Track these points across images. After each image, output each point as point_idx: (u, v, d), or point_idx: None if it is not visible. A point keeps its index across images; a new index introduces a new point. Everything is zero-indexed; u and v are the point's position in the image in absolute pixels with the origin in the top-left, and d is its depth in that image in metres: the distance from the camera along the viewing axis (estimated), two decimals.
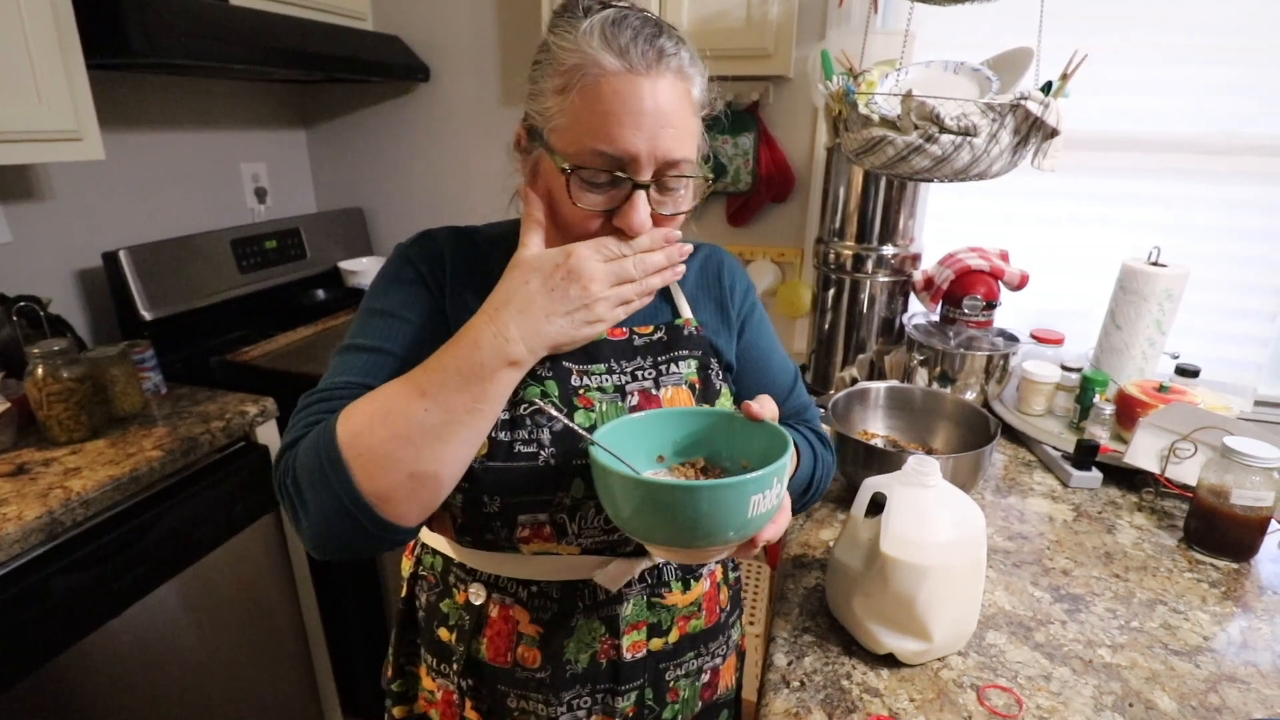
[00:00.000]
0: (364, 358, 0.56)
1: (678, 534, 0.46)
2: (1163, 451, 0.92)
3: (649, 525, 0.47)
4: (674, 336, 0.64)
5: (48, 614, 0.92)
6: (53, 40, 1.03)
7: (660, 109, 0.51)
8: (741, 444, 0.55)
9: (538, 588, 0.61)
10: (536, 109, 0.55)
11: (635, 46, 0.51)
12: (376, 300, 0.59)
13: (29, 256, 1.32)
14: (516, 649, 0.61)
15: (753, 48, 1.36)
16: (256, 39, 1.32)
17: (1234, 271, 1.32)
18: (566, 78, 0.51)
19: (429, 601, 0.67)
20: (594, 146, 0.51)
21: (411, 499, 0.49)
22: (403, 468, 0.47)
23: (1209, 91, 1.26)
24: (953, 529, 0.62)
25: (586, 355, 0.60)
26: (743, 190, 1.60)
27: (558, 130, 0.53)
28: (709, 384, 0.64)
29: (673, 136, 0.52)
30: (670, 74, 0.52)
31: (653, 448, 0.56)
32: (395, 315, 0.58)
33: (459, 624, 0.64)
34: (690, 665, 0.67)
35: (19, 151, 1.02)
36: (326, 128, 1.94)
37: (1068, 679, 0.63)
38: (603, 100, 0.50)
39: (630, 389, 0.60)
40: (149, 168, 1.53)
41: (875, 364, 1.36)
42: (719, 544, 0.47)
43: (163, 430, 1.14)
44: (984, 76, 1.03)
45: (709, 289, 0.69)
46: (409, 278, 0.60)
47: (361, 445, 0.47)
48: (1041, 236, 1.41)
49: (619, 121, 0.50)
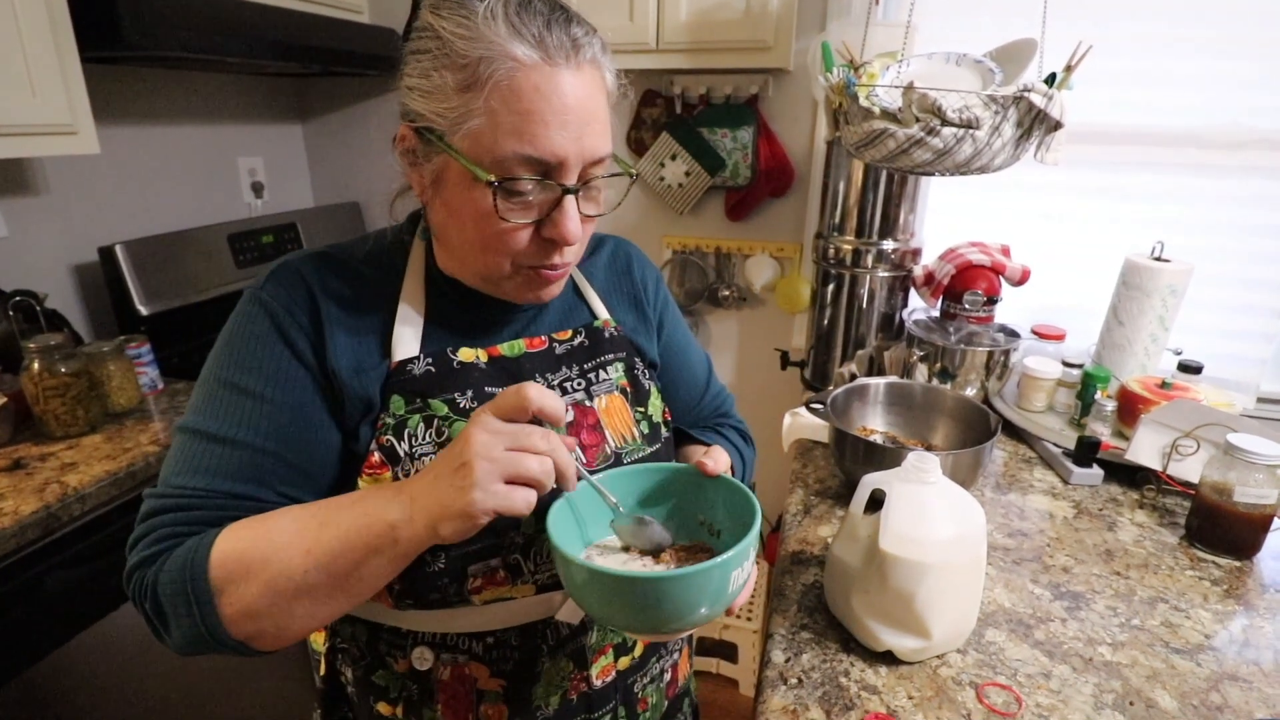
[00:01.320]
0: (214, 451, 0.48)
1: (650, 621, 0.43)
2: (1165, 448, 0.91)
3: (623, 616, 0.44)
4: (595, 340, 0.61)
5: (43, 609, 0.92)
6: (47, 33, 1.03)
7: (583, 104, 0.47)
8: (697, 496, 0.52)
9: (494, 638, 0.54)
10: (432, 109, 0.47)
11: (550, 35, 0.45)
12: (227, 367, 0.50)
13: (25, 251, 1.31)
14: (478, 708, 0.55)
15: (752, 40, 1.35)
16: (252, 32, 1.31)
17: (1238, 267, 1.31)
18: (471, 72, 0.45)
19: (357, 676, 0.58)
20: (518, 151, 0.45)
21: (282, 641, 0.46)
22: (276, 620, 0.45)
23: (1214, 85, 1.25)
24: (952, 526, 0.61)
25: (509, 375, 0.56)
26: (741, 184, 1.59)
27: (470, 134, 0.46)
28: (638, 385, 0.62)
29: (598, 133, 0.48)
30: (587, 65, 0.48)
31: (606, 510, 0.51)
32: (249, 393, 0.49)
33: (404, 696, 0.56)
34: (654, 670, 0.65)
35: (13, 145, 1.02)
36: (323, 121, 1.93)
37: (1068, 677, 0.63)
38: (523, 98, 0.45)
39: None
40: (145, 162, 1.53)
41: (875, 359, 1.35)
42: (695, 623, 0.45)
43: (159, 425, 1.14)
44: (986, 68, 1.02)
45: (620, 285, 0.67)
46: (265, 334, 0.50)
47: (234, 595, 0.44)
48: (1043, 231, 1.40)
49: (544, 122, 0.45)
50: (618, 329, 0.64)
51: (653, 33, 1.38)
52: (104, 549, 0.99)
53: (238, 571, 0.44)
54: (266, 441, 0.49)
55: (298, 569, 0.44)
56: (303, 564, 0.44)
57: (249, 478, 0.49)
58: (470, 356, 0.55)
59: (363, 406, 0.52)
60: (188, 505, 0.48)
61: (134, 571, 0.48)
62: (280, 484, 0.50)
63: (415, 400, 0.52)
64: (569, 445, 0.46)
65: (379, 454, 0.51)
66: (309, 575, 0.44)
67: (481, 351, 0.56)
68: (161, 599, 0.45)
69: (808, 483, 0.98)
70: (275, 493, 0.50)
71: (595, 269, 0.67)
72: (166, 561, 0.46)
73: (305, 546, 0.44)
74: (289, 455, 0.50)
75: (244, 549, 0.44)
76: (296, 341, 0.51)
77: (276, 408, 0.50)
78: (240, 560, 0.44)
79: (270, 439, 0.49)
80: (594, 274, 0.66)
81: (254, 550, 0.44)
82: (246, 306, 0.52)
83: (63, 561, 0.93)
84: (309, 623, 0.46)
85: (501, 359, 0.57)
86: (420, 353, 0.54)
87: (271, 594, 0.44)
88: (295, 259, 0.54)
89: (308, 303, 0.52)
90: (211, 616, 0.44)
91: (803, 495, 0.95)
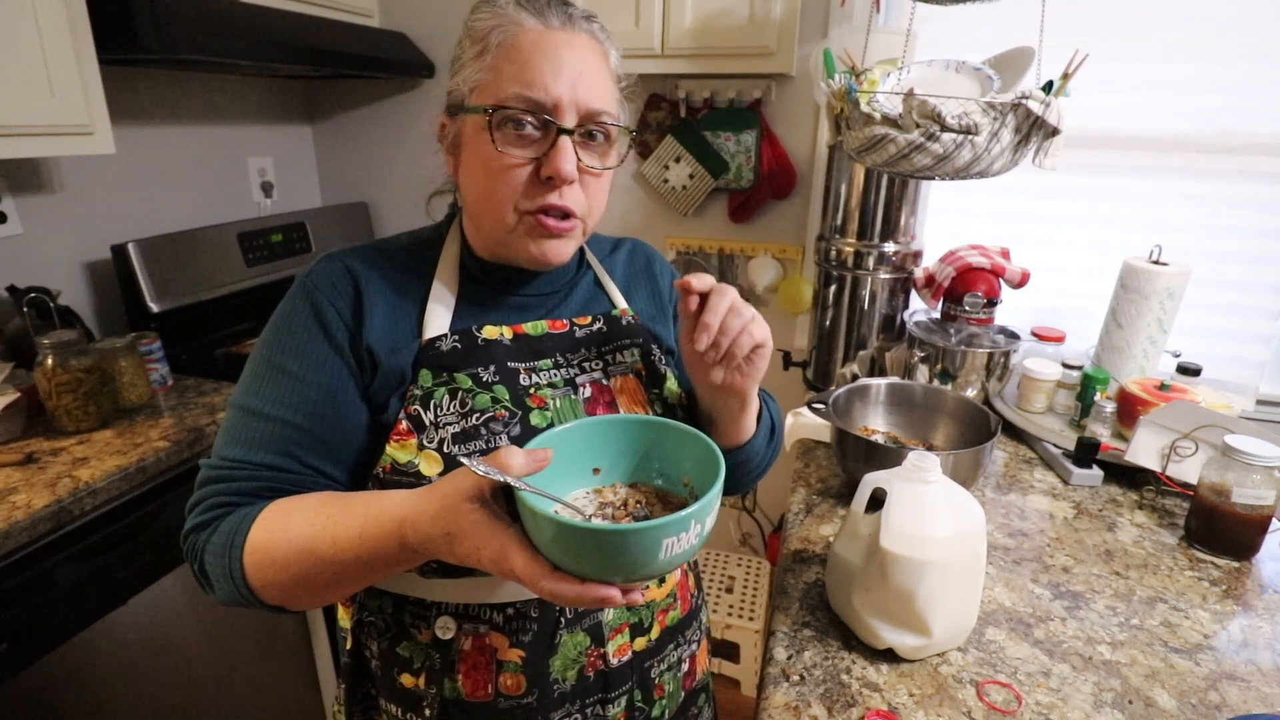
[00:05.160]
0: (261, 427, 0.53)
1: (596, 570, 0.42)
2: (1164, 450, 0.92)
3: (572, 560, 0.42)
4: (613, 327, 0.64)
5: (54, 602, 0.93)
6: (65, 35, 1.04)
7: (577, 60, 0.53)
8: (676, 454, 0.51)
9: (514, 609, 0.57)
10: (456, 82, 0.56)
11: (551, 9, 0.54)
12: (274, 349, 0.55)
13: (39, 248, 1.33)
14: (498, 678, 0.57)
15: (755, 46, 1.36)
16: (264, 35, 1.33)
17: (1236, 270, 1.32)
18: (484, 41, 0.53)
19: (382, 649, 0.60)
20: (515, 91, 0.52)
21: (316, 606, 0.52)
22: (306, 598, 0.51)
23: (1210, 90, 1.26)
24: (952, 525, 0.62)
25: (532, 352, 0.60)
26: (744, 187, 1.60)
27: (479, 88, 0.54)
28: (654, 369, 0.65)
29: (592, 87, 0.54)
30: (584, 34, 0.55)
31: (588, 459, 0.52)
32: (293, 375, 0.54)
33: (426, 665, 0.58)
34: (671, 658, 0.66)
35: (31, 145, 1.03)
36: (332, 123, 1.95)
37: (1067, 675, 0.63)
38: (521, 51, 0.52)
39: (581, 381, 0.60)
40: (158, 161, 1.54)
41: (876, 361, 1.36)
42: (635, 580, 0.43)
43: (169, 421, 1.15)
44: (985, 75, 1.03)
45: (640, 278, 0.72)
46: (304, 318, 0.55)
47: (265, 578, 0.50)
48: (1043, 234, 1.41)
49: (538, 69, 0.52)
50: (635, 318, 0.67)
51: (658, 38, 1.40)
52: (114, 543, 1.00)
53: (264, 561, 0.50)
54: (299, 418, 0.54)
55: (322, 564, 0.48)
56: (327, 558, 0.48)
57: (282, 451, 0.54)
58: (494, 334, 0.59)
59: (396, 380, 0.56)
60: (229, 476, 0.53)
61: (189, 535, 0.54)
62: (308, 456, 0.55)
63: (442, 374, 0.56)
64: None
65: (406, 423, 0.55)
66: (332, 567, 0.48)
67: (506, 329, 0.60)
68: (208, 567, 0.52)
69: (810, 482, 0.99)
70: (303, 464, 0.54)
71: (615, 264, 0.71)
72: (214, 534, 0.52)
73: (329, 544, 0.48)
74: (318, 431, 0.54)
75: (273, 547, 0.49)
76: (332, 325, 0.55)
77: (310, 387, 0.54)
78: (268, 555, 0.49)
79: (303, 415, 0.54)
80: (614, 269, 0.71)
81: (281, 548, 0.49)
82: (293, 292, 0.57)
83: (73, 555, 0.94)
84: (338, 597, 0.52)
85: (525, 336, 0.61)
86: (449, 330, 0.58)
87: (298, 582, 0.50)
88: (342, 250, 0.60)
89: (350, 290, 0.57)
90: (246, 590, 0.50)
91: (805, 494, 0.95)
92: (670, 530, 0.40)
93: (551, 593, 0.42)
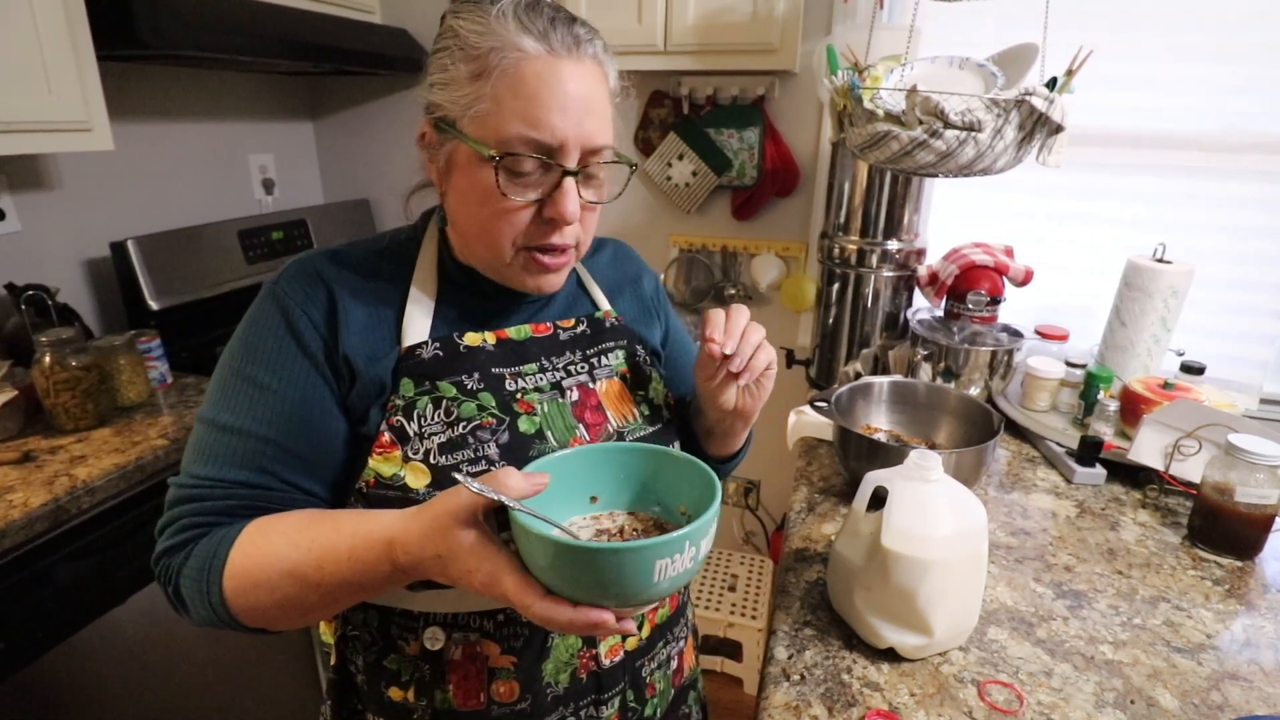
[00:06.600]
0: (232, 442, 0.51)
1: (587, 595, 0.41)
2: (1167, 448, 0.92)
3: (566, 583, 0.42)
4: (597, 329, 0.64)
5: (52, 601, 0.92)
6: (63, 31, 1.04)
7: (583, 94, 0.50)
8: (674, 483, 0.51)
9: (504, 615, 0.55)
10: (447, 98, 0.51)
11: (554, 31, 0.49)
12: (244, 359, 0.53)
13: (38, 246, 1.33)
14: (490, 686, 0.56)
15: (758, 42, 1.35)
16: (265, 31, 1.32)
17: (1240, 269, 1.31)
18: (482, 62, 0.49)
19: (369, 663, 0.59)
20: (521, 133, 0.49)
21: (301, 626, 0.51)
22: (290, 620, 0.50)
23: (1215, 88, 1.25)
24: (954, 523, 0.62)
25: (516, 356, 0.58)
26: (748, 184, 1.60)
27: (478, 118, 0.50)
28: (639, 371, 0.65)
29: (597, 122, 0.51)
30: (589, 59, 0.51)
31: (586, 487, 0.51)
32: (264, 387, 0.52)
33: (415, 678, 0.57)
34: (661, 656, 0.66)
35: (29, 141, 1.03)
36: (334, 120, 1.94)
37: (1069, 675, 0.63)
38: (526, 84, 0.49)
39: (567, 384, 0.59)
40: (157, 158, 1.54)
41: (879, 359, 1.35)
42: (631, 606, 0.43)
43: (168, 419, 1.15)
44: (989, 72, 1.02)
45: (622, 280, 0.71)
46: (275, 327, 0.53)
47: (247, 603, 0.48)
48: (1046, 232, 1.41)
49: (545, 106, 0.49)
50: (619, 319, 0.67)
51: (660, 35, 1.39)
52: (112, 542, 1.00)
53: (246, 585, 0.48)
54: (273, 432, 0.51)
55: (306, 589, 0.47)
56: (310, 583, 0.47)
57: (255, 466, 0.51)
58: (476, 340, 0.58)
59: (375, 390, 0.54)
60: (201, 496, 0.51)
61: (160, 558, 0.52)
62: (285, 471, 0.52)
63: (424, 383, 0.54)
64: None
65: (389, 434, 0.53)
66: (315, 593, 0.47)
67: (489, 334, 0.59)
68: (183, 591, 0.50)
69: (812, 480, 0.99)
70: (280, 480, 0.52)
71: (598, 266, 0.71)
72: (189, 558, 0.50)
73: (312, 568, 0.47)
74: (294, 445, 0.52)
75: (254, 570, 0.48)
76: (304, 334, 0.53)
77: (281, 399, 0.52)
78: (249, 578, 0.48)
79: (277, 429, 0.52)
80: (597, 270, 0.70)
81: (262, 571, 0.48)
82: (261, 300, 0.55)
83: (71, 554, 0.94)
84: (323, 618, 0.51)
85: (509, 341, 0.59)
86: (429, 337, 0.56)
87: (280, 606, 0.48)
88: (312, 255, 0.56)
89: (323, 296, 0.54)
90: (226, 614, 0.49)
91: (807, 493, 0.95)
92: (664, 551, 0.40)
93: (544, 618, 0.41)
